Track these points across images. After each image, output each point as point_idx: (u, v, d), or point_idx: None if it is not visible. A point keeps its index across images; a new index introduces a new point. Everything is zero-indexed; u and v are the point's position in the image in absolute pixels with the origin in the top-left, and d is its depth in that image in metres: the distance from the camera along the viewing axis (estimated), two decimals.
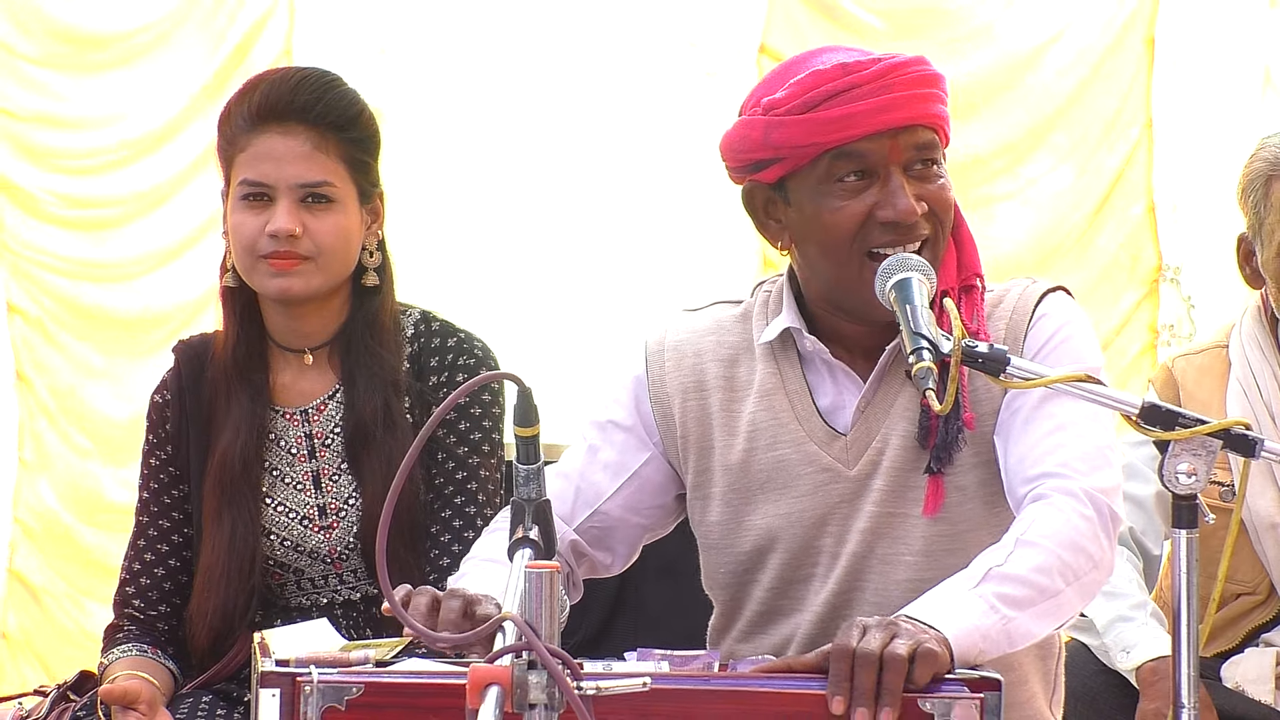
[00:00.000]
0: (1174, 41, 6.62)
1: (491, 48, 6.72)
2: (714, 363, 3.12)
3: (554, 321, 6.58)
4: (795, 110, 2.96)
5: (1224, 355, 4.14)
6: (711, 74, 6.74)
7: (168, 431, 3.51)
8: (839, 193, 2.98)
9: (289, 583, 3.45)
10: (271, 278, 3.38)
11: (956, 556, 2.90)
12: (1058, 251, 6.64)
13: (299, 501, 3.45)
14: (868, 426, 3.03)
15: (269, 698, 2.47)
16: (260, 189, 3.37)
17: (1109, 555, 2.88)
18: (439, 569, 3.40)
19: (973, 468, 3.00)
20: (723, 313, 3.18)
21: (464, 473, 3.43)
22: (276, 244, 3.36)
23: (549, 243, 6.75)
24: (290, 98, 3.37)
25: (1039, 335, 3.02)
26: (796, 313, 3.07)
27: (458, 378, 3.43)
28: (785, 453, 3.05)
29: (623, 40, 6.75)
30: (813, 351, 3.06)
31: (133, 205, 6.71)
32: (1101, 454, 2.94)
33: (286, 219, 3.35)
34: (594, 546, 3.16)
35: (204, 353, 3.52)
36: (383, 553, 2.41)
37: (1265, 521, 4.04)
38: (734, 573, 3.11)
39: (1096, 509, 2.86)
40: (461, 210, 6.70)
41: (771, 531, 3.06)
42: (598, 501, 3.15)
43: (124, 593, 3.50)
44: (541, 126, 6.72)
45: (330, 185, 3.39)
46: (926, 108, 2.98)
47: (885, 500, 3.01)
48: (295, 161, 3.36)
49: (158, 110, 6.70)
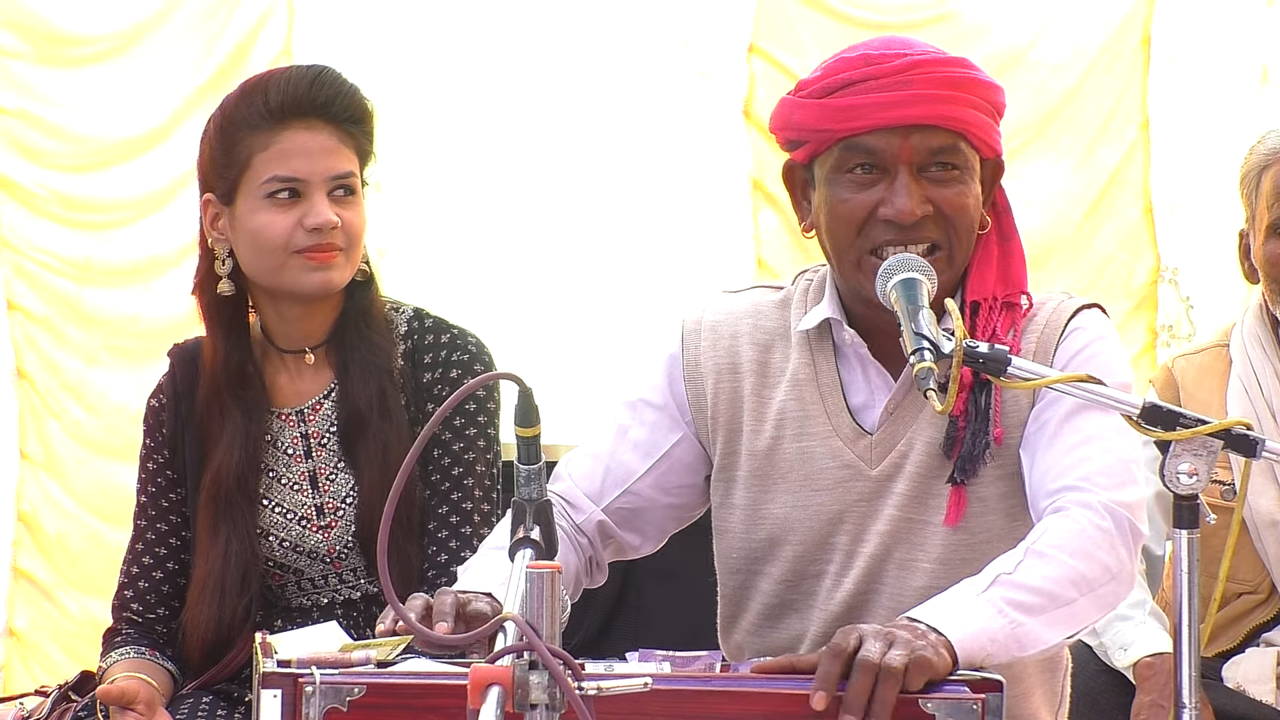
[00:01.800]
0: (1171, 40, 6.61)
1: (486, 48, 6.71)
2: (749, 346, 3.12)
3: (545, 319, 6.57)
4: (814, 94, 2.97)
5: (1224, 354, 4.15)
6: (705, 74, 6.73)
7: (164, 435, 3.51)
8: (848, 184, 2.98)
9: (289, 583, 3.46)
10: (311, 271, 3.39)
11: (975, 567, 2.87)
12: (1055, 251, 6.64)
13: (296, 502, 3.45)
14: (894, 428, 3.02)
15: (270, 698, 2.47)
16: (292, 184, 3.38)
17: (1129, 568, 2.86)
18: (437, 565, 3.40)
19: (996, 480, 3.00)
20: (762, 297, 3.17)
21: (460, 469, 3.43)
22: (317, 237, 3.37)
23: (541, 242, 6.73)
24: (309, 94, 3.39)
25: (1069, 349, 3.01)
26: (838, 304, 3.07)
27: (452, 374, 3.44)
28: (810, 444, 3.05)
29: (615, 40, 6.74)
30: (850, 345, 3.05)
31: (134, 206, 6.70)
32: (1126, 468, 2.92)
33: (326, 212, 3.38)
34: (622, 527, 3.15)
35: (199, 356, 3.52)
36: (383, 553, 2.41)
37: (1265, 520, 4.04)
38: (746, 559, 3.11)
39: (1115, 521, 2.85)
40: (454, 209, 6.69)
41: (788, 521, 3.06)
42: (628, 481, 3.13)
43: (122, 596, 3.51)
44: (534, 126, 6.71)
45: (354, 177, 3.43)
46: (947, 110, 2.94)
47: (906, 505, 3.01)
48: (325, 155, 3.40)
49: (155, 108, 6.69)
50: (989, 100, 3.00)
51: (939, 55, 2.98)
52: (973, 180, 3.00)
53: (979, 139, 2.99)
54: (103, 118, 6.67)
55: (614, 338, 6.61)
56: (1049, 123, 6.63)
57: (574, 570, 3.09)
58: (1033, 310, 3.05)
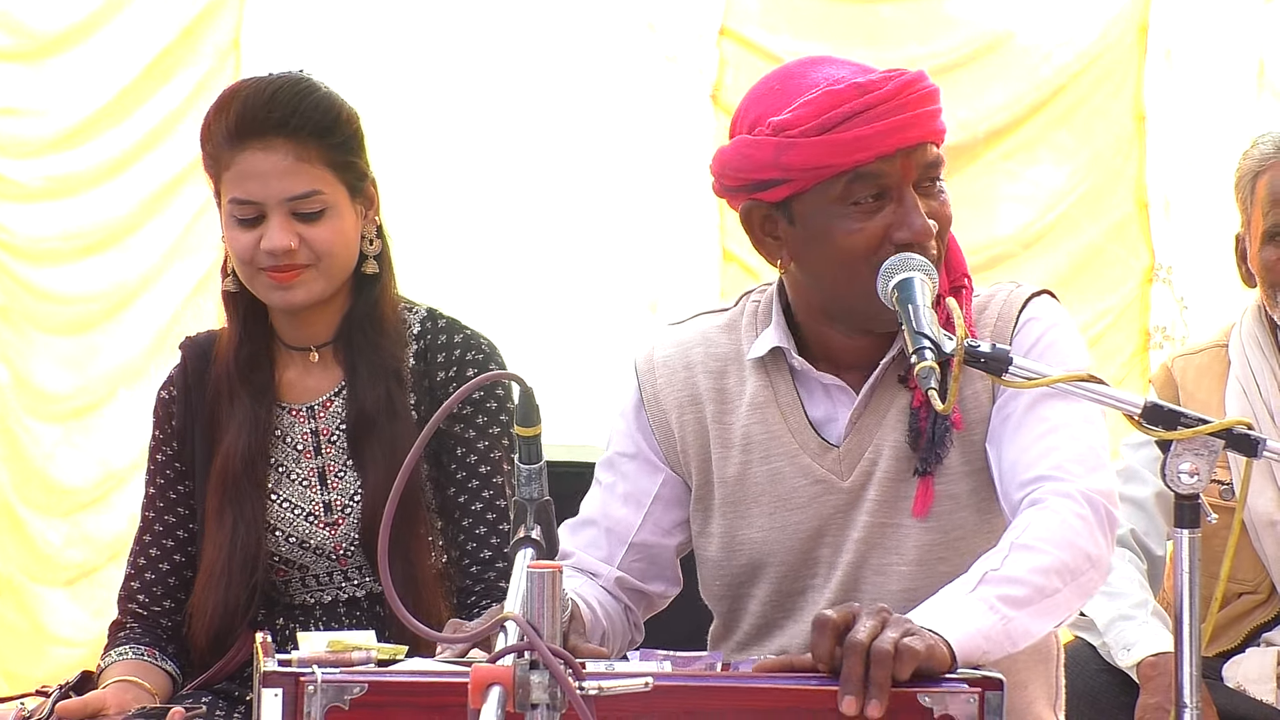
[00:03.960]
0: (1167, 35, 6.61)
1: (443, 34, 6.61)
2: (704, 375, 3.12)
3: (502, 307, 6.48)
4: (811, 132, 2.91)
5: (1223, 355, 4.15)
6: (671, 58, 6.68)
7: (173, 427, 3.51)
8: (855, 214, 2.94)
9: (293, 579, 3.45)
10: (273, 290, 3.39)
11: (950, 565, 2.91)
12: (1047, 248, 6.63)
13: (304, 497, 3.45)
14: (860, 438, 3.02)
15: (271, 697, 2.46)
16: (249, 206, 3.37)
17: (1106, 555, 2.87)
18: (481, 562, 3.40)
19: (964, 475, 3.00)
20: (708, 324, 3.17)
21: (487, 466, 3.43)
22: (274, 259, 3.36)
23: (499, 232, 6.66)
24: (265, 112, 3.35)
25: (1025, 339, 3.01)
26: (785, 330, 3.06)
27: (467, 373, 3.44)
28: (779, 465, 3.05)
29: (580, 24, 6.66)
30: (801, 370, 3.06)
31: (62, 187, 6.70)
32: (1095, 455, 2.93)
33: (280, 236, 3.35)
34: (642, 579, 3.17)
35: (210, 350, 3.52)
36: (384, 553, 2.41)
37: (1264, 520, 4.05)
38: (730, 585, 3.12)
39: (1093, 509, 2.86)
40: (410, 198, 6.62)
41: (767, 545, 3.06)
42: (630, 535, 3.15)
43: (129, 588, 3.50)
44: (497, 113, 6.62)
45: (319, 194, 3.38)
46: (934, 124, 2.96)
47: (878, 510, 3.01)
48: (280, 176, 3.35)
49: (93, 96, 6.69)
50: None
51: (911, 74, 2.97)
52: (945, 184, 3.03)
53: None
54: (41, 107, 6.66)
55: (573, 328, 6.58)
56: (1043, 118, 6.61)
57: (620, 628, 3.14)
58: (982, 302, 3.05)
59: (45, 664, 6.40)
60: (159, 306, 6.58)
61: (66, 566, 6.64)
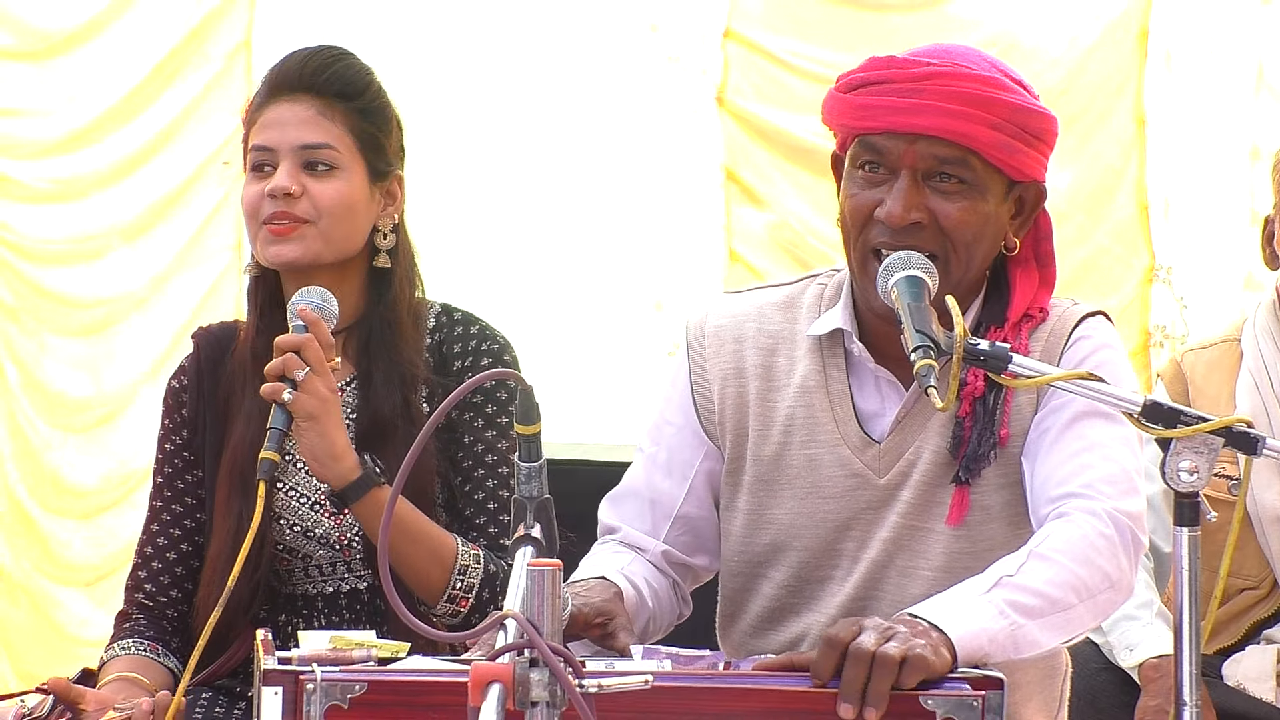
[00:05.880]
0: (1167, 37, 6.61)
1: (449, 33, 6.62)
2: (753, 350, 3.12)
3: (507, 307, 6.47)
4: (842, 89, 3.02)
5: (1235, 349, 4.16)
6: (674, 59, 6.68)
7: (184, 416, 3.51)
8: (858, 180, 3.00)
9: (296, 569, 3.44)
10: (269, 245, 3.39)
11: (975, 574, 2.87)
12: None
13: (311, 486, 3.44)
14: (903, 437, 3.03)
15: (271, 696, 2.47)
16: (264, 153, 3.40)
17: (1128, 577, 2.87)
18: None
19: (999, 488, 3.00)
20: (765, 298, 3.17)
21: (494, 456, 3.43)
22: (275, 204, 3.36)
23: (508, 231, 6.63)
24: (298, 71, 3.41)
25: (1074, 356, 3.02)
26: (851, 314, 3.07)
27: (482, 363, 3.44)
28: (818, 452, 3.06)
29: (583, 24, 6.66)
30: (859, 357, 3.06)
31: (72, 187, 6.70)
32: (1128, 478, 2.93)
33: (284, 178, 3.37)
34: (687, 553, 3.17)
35: (225, 340, 3.52)
36: (384, 552, 2.41)
37: (1271, 514, 4.05)
38: (748, 563, 3.11)
39: (1118, 529, 2.86)
40: (417, 199, 6.61)
41: (793, 528, 3.06)
42: (674, 509, 3.15)
43: (135, 577, 3.50)
44: (503, 114, 6.62)
45: (331, 149, 3.40)
46: (954, 123, 2.93)
47: (910, 512, 3.01)
48: (297, 125, 3.39)
49: (103, 96, 6.69)
50: (1015, 122, 2.97)
51: (961, 70, 2.96)
52: (983, 198, 2.98)
53: (996, 158, 2.96)
54: (50, 108, 6.66)
55: (578, 329, 6.57)
56: None
57: (668, 605, 3.14)
58: (1039, 316, 3.06)
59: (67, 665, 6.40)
60: (175, 308, 6.58)
61: (86, 568, 6.64)
